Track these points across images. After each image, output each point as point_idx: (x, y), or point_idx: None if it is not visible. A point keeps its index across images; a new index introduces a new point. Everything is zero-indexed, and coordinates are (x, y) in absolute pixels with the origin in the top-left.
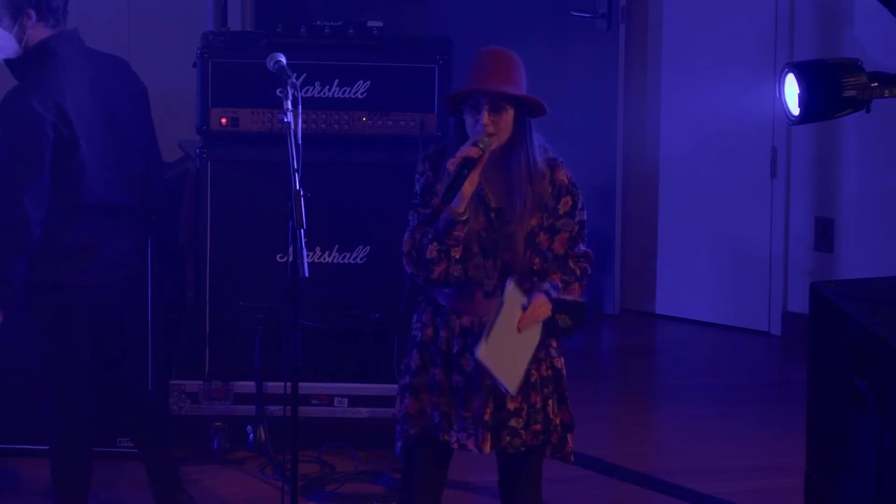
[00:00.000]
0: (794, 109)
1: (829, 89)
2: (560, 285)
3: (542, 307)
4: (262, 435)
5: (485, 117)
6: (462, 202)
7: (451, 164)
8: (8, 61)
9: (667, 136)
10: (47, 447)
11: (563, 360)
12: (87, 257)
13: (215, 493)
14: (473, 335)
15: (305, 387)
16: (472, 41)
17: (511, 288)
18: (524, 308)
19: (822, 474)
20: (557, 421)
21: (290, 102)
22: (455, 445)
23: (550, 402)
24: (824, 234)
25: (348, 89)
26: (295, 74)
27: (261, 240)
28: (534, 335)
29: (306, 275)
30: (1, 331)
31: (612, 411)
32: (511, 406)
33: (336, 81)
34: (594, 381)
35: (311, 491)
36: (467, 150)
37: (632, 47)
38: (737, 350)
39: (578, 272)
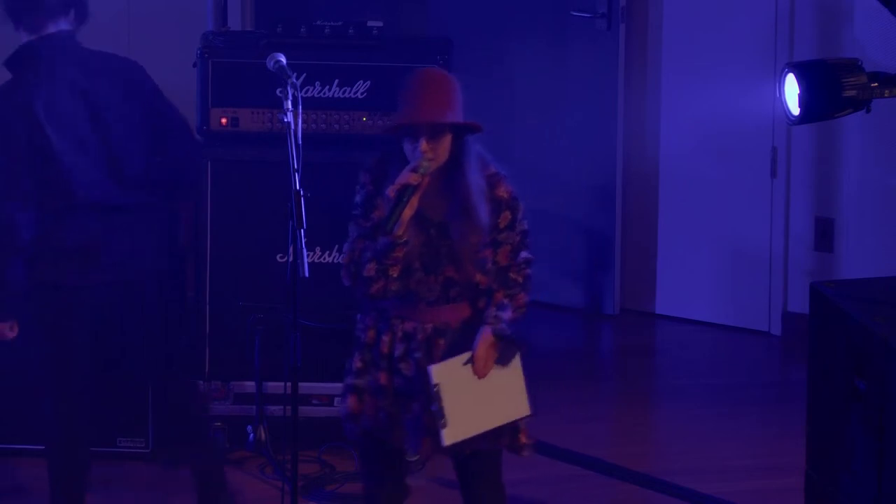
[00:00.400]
0: (795, 109)
1: (829, 89)
2: (506, 301)
3: (488, 352)
4: (263, 435)
5: (423, 144)
6: (401, 226)
7: (392, 191)
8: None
9: (667, 136)
10: (44, 447)
11: None
12: (86, 257)
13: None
14: (415, 340)
15: (305, 387)
16: (473, 41)
17: (436, 370)
18: (473, 357)
19: (821, 474)
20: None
21: (290, 102)
22: (397, 445)
23: None
24: (824, 234)
25: (348, 89)
26: (295, 74)
27: (261, 240)
28: (506, 402)
29: (306, 275)
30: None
31: (612, 411)
32: None
33: (336, 81)
34: (594, 381)
35: (311, 491)
36: (407, 178)
37: (632, 47)
38: (737, 350)
39: (521, 280)
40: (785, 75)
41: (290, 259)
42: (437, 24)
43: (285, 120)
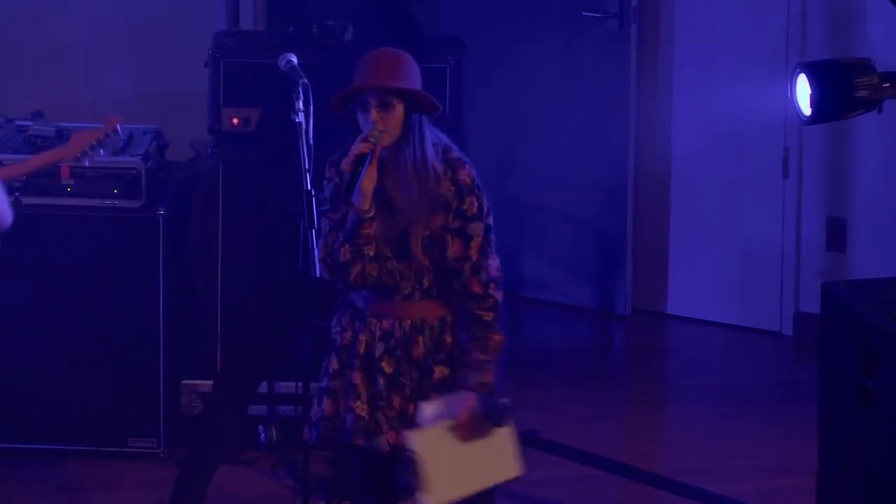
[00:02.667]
0: (806, 110)
1: (841, 89)
2: (482, 357)
3: (472, 419)
4: (274, 435)
5: (373, 114)
6: (365, 199)
7: (346, 164)
8: None
9: (678, 137)
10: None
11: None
12: None
13: (227, 492)
14: (394, 338)
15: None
16: (483, 42)
17: (416, 437)
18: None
19: (833, 473)
20: None
21: (301, 103)
22: (384, 448)
23: None
24: (836, 234)
25: None
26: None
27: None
28: (493, 462)
29: (318, 275)
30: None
31: (623, 411)
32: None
33: None
34: (605, 380)
35: (321, 490)
36: (358, 147)
37: (643, 47)
38: (748, 350)
39: (491, 317)
40: (797, 75)
41: (302, 259)
42: (447, 24)
43: (297, 120)
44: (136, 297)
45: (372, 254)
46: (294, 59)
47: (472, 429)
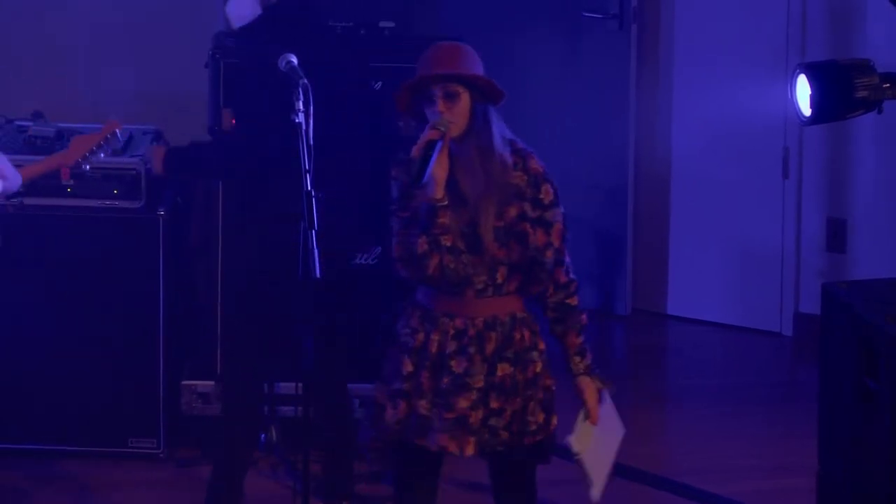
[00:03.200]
0: (806, 110)
1: (841, 90)
2: (580, 341)
3: (596, 399)
4: (274, 435)
5: (440, 104)
6: (437, 188)
7: (416, 151)
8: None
9: (678, 137)
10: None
11: (548, 370)
12: None
13: None
14: (467, 336)
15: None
16: (484, 42)
17: (574, 441)
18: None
19: (833, 473)
20: (536, 423)
21: (301, 103)
22: (434, 448)
23: (531, 404)
24: (836, 234)
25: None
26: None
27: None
28: (614, 432)
29: (318, 275)
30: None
31: (623, 412)
32: (495, 405)
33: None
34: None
35: (322, 491)
36: (428, 134)
37: (643, 48)
38: (748, 351)
39: (576, 301)
40: (797, 76)
41: (302, 259)
42: (448, 24)
43: (297, 121)
44: (136, 297)
45: (448, 244)
46: (294, 60)
47: (598, 409)
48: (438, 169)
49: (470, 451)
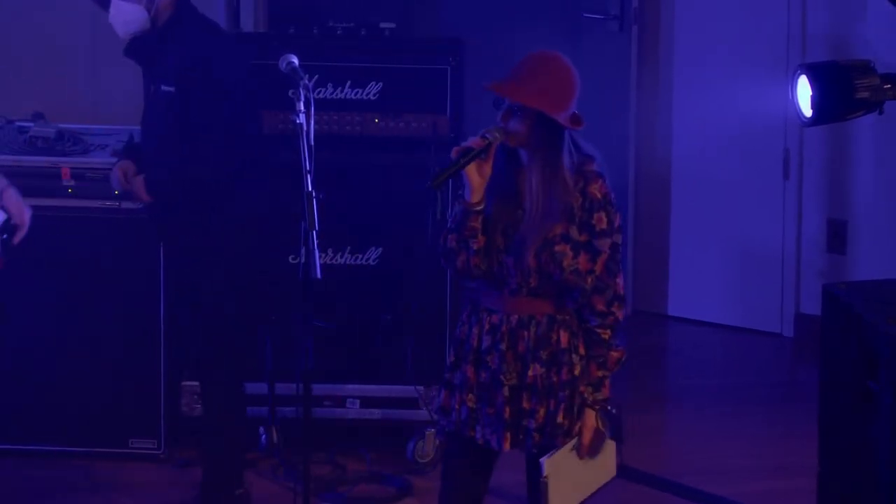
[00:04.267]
0: (807, 111)
1: (842, 91)
2: (595, 370)
3: (594, 437)
4: (275, 436)
5: (502, 115)
6: (474, 193)
7: (455, 151)
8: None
9: (679, 138)
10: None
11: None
12: None
13: None
14: (500, 332)
15: (318, 388)
16: (485, 43)
17: (548, 463)
18: (579, 444)
19: (834, 475)
20: (565, 426)
21: (302, 104)
22: (480, 441)
23: (563, 406)
24: (837, 235)
25: (360, 91)
26: (307, 76)
27: (274, 241)
28: (599, 469)
29: (319, 276)
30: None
31: (624, 412)
32: (526, 406)
33: (348, 83)
34: None
35: (322, 492)
36: (472, 141)
37: (644, 49)
38: (749, 352)
39: (608, 335)
40: (797, 77)
41: (303, 260)
42: (448, 25)
43: (298, 121)
44: (136, 298)
45: (476, 247)
46: (295, 60)
47: (593, 446)
48: (476, 176)
49: (507, 446)
